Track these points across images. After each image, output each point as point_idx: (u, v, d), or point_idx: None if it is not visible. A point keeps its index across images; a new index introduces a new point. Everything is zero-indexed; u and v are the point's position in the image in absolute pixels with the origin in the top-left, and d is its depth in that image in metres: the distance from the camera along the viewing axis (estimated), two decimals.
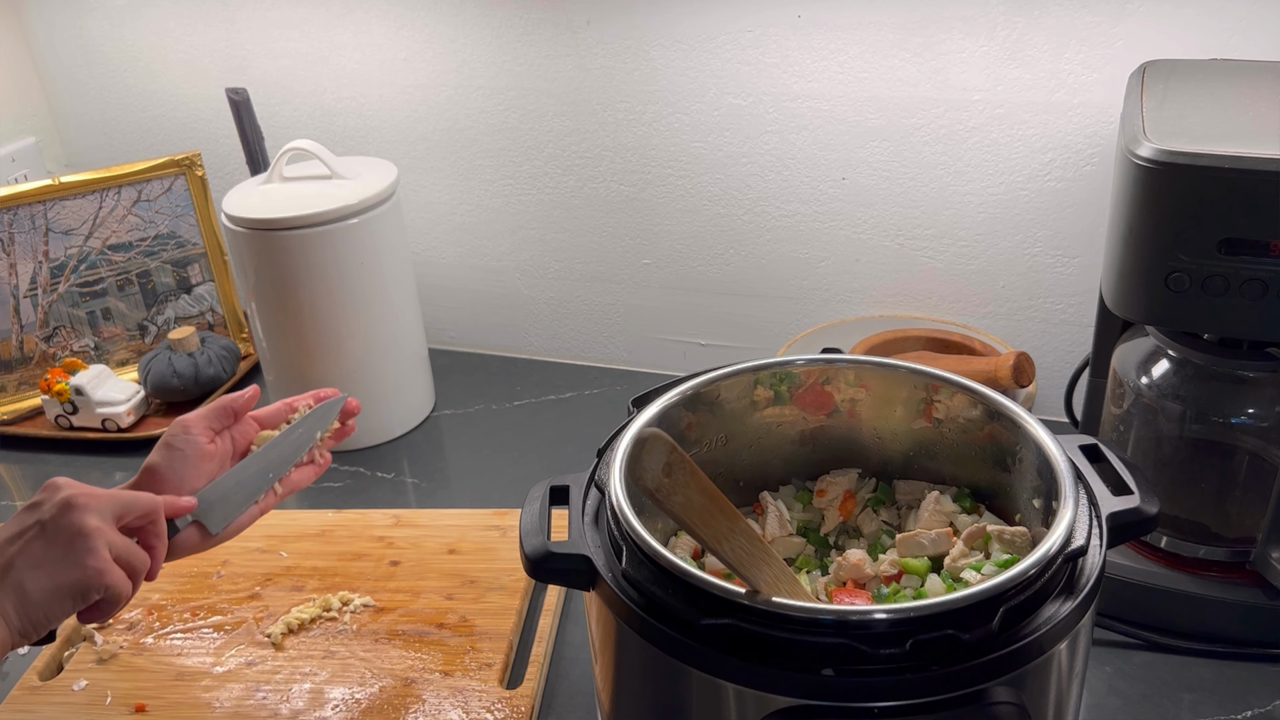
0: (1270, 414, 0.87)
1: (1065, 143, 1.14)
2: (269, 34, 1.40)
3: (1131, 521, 0.66)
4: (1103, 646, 0.90)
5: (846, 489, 0.81)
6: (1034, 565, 0.59)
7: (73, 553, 0.67)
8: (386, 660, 0.92)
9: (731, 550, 0.61)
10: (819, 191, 1.26)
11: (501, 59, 1.31)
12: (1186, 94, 0.88)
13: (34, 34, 1.52)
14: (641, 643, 0.61)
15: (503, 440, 1.26)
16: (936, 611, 0.56)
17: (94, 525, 0.68)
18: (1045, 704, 0.61)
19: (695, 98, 1.25)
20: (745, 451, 0.82)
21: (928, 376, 0.78)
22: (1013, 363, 1.12)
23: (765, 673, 0.57)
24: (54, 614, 0.67)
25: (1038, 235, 1.20)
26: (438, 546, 1.05)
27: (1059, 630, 0.59)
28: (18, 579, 0.66)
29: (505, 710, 0.86)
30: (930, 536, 0.73)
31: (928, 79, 1.16)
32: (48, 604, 0.66)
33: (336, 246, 1.15)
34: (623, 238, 1.37)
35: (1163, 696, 0.85)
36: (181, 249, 1.42)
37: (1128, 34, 1.07)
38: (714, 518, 0.60)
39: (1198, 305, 0.79)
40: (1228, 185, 0.75)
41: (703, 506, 0.60)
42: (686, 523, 0.59)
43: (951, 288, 1.26)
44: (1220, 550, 0.90)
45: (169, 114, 1.51)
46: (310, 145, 1.20)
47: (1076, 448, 0.71)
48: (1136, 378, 0.91)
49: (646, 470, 0.58)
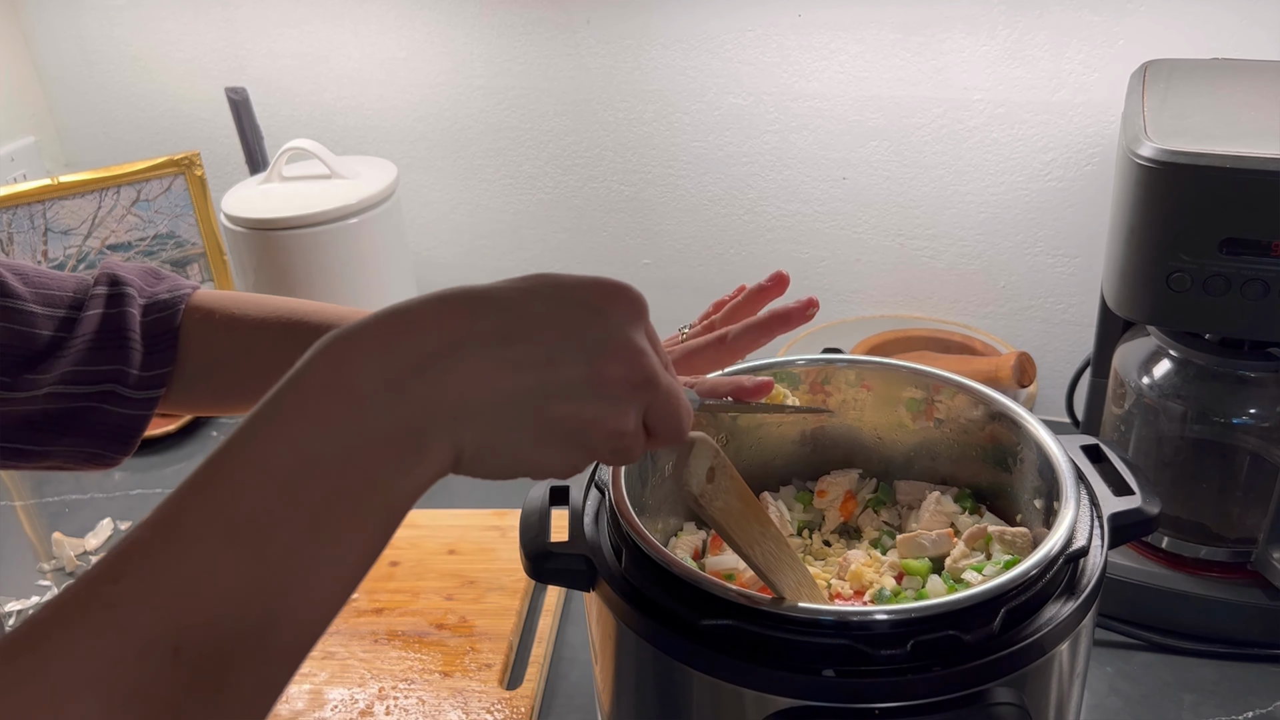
0: (1271, 414, 0.87)
1: (1066, 142, 1.14)
2: (268, 33, 1.40)
3: (1133, 522, 0.65)
4: (1104, 647, 0.90)
5: (847, 489, 0.81)
6: (1035, 566, 0.59)
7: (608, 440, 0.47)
8: (386, 661, 0.92)
9: (761, 555, 0.60)
10: (819, 191, 1.26)
11: (501, 58, 1.31)
12: (1188, 93, 0.88)
13: (33, 33, 1.52)
14: (641, 643, 0.61)
15: None
16: (938, 612, 0.56)
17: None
18: (1046, 705, 0.61)
19: (695, 97, 1.25)
20: (746, 452, 0.81)
21: (929, 376, 0.78)
22: (1014, 363, 1.12)
23: (766, 673, 0.57)
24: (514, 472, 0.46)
25: (1038, 235, 1.20)
26: (437, 547, 1.05)
27: (1060, 631, 0.59)
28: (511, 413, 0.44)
29: (505, 711, 0.86)
30: (931, 537, 0.73)
31: (928, 78, 1.16)
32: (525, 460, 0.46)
33: (336, 246, 1.15)
34: (623, 238, 1.37)
35: (1164, 697, 0.85)
36: (181, 249, 1.41)
37: (1129, 33, 1.07)
38: (749, 523, 0.60)
39: (1199, 305, 0.79)
40: (1229, 185, 0.75)
41: (740, 511, 0.59)
42: (725, 528, 0.58)
43: (952, 287, 1.26)
44: (1221, 550, 0.90)
45: (168, 113, 1.51)
46: (310, 145, 1.20)
47: (1078, 448, 0.71)
48: (1138, 378, 0.91)
49: (693, 475, 0.57)
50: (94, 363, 0.71)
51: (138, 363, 0.72)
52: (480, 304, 0.44)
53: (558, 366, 0.44)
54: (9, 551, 1.13)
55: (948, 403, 0.77)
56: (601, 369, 0.45)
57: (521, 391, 0.44)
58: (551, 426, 0.45)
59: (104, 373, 0.71)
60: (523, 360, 0.44)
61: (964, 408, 0.77)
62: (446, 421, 0.43)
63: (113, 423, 0.72)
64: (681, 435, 0.50)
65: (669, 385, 0.48)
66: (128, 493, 1.21)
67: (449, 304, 0.44)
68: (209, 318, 0.75)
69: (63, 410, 0.71)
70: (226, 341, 0.75)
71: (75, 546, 1.11)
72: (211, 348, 0.75)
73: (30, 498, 1.21)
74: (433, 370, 0.42)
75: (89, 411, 0.72)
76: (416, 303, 0.44)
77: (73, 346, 0.71)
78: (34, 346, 0.70)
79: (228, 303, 0.76)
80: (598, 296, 0.46)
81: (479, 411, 0.43)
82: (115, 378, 0.72)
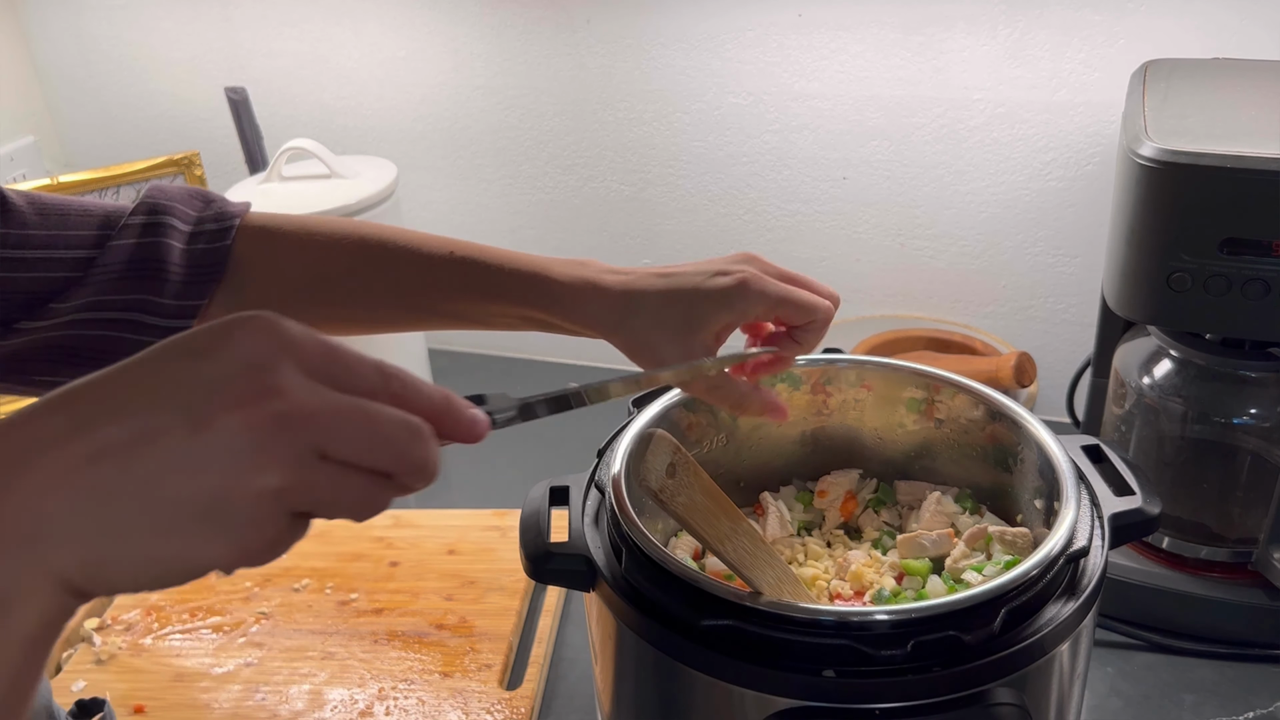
0: (1272, 414, 0.87)
1: (1067, 142, 1.14)
2: (268, 33, 1.40)
3: (1133, 522, 0.65)
4: (1104, 647, 0.90)
5: (847, 489, 0.81)
6: (1036, 566, 0.59)
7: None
8: (386, 661, 0.92)
9: (734, 551, 0.60)
10: (819, 191, 1.26)
11: (501, 58, 1.30)
12: (1188, 93, 0.88)
13: (32, 33, 1.52)
14: (641, 643, 0.61)
15: (503, 440, 1.25)
16: (938, 613, 0.56)
17: None
18: (1047, 705, 0.61)
19: (695, 97, 1.25)
20: (746, 452, 0.81)
21: (929, 377, 0.78)
22: (1014, 363, 1.12)
23: (766, 674, 0.57)
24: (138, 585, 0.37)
25: (1039, 235, 1.19)
26: (437, 547, 1.05)
27: (1061, 631, 0.59)
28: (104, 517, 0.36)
29: (505, 711, 0.86)
30: (931, 537, 0.73)
31: (929, 78, 1.15)
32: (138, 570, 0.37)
33: None
34: (623, 238, 1.36)
35: (1164, 697, 0.85)
36: None
37: (1129, 33, 1.07)
38: (717, 519, 0.60)
39: (1199, 305, 0.79)
40: (1229, 185, 0.75)
41: (706, 507, 0.60)
42: (689, 524, 0.59)
43: (952, 287, 1.26)
44: (1222, 551, 0.89)
45: (168, 113, 1.51)
46: (309, 144, 1.19)
47: (1078, 448, 0.70)
48: (1138, 378, 0.91)
49: (650, 470, 0.58)
50: (119, 292, 0.68)
51: (173, 292, 0.69)
52: (56, 401, 0.37)
53: (150, 439, 0.35)
54: None
55: (948, 403, 0.77)
56: (208, 421, 0.35)
57: (107, 483, 0.35)
58: (169, 510, 0.35)
59: (129, 301, 0.68)
60: (102, 446, 0.35)
61: (964, 408, 0.77)
62: (20, 552, 0.35)
63: (133, 350, 0.71)
64: (411, 462, 0.39)
65: (345, 408, 0.37)
66: None
67: (19, 416, 0.37)
68: (273, 237, 0.71)
69: (81, 338, 0.68)
70: (296, 262, 0.72)
71: None
72: (279, 269, 0.72)
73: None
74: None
75: (110, 341, 0.68)
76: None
77: (96, 276, 0.68)
78: (48, 287, 0.68)
79: (294, 223, 0.73)
80: (209, 339, 0.38)
81: (65, 523, 0.35)
82: (141, 307, 0.69)
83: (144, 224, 0.70)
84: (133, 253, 0.69)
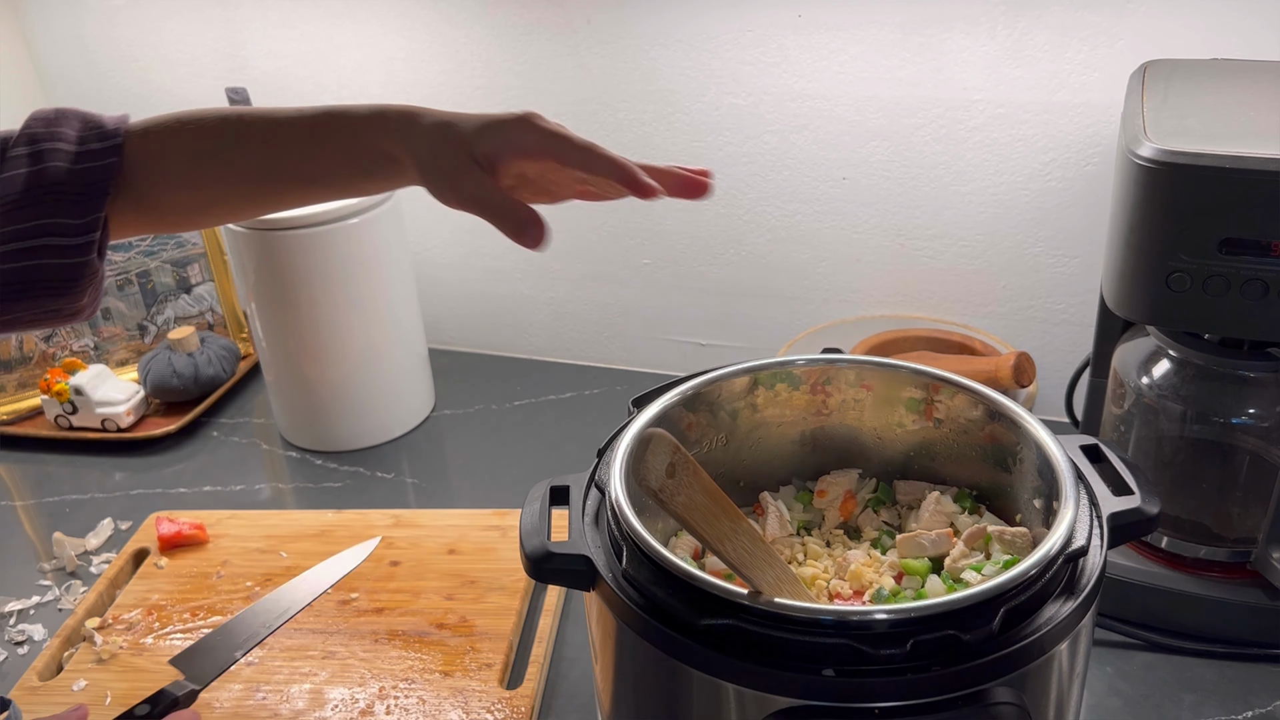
0: (1271, 414, 0.87)
1: (1066, 142, 1.14)
2: (269, 33, 1.40)
3: (1132, 522, 0.66)
4: (1103, 647, 0.90)
5: (847, 489, 0.81)
6: (1035, 566, 0.59)
7: None
8: (386, 660, 0.92)
9: (734, 551, 0.61)
10: (819, 191, 1.26)
11: (501, 59, 1.31)
12: (1187, 94, 0.88)
13: (33, 34, 1.52)
14: (641, 643, 0.61)
15: (503, 440, 1.26)
16: (937, 612, 0.56)
17: None
18: (1046, 704, 0.61)
19: (695, 98, 1.25)
20: (745, 452, 0.82)
21: (928, 376, 0.78)
22: (1013, 363, 1.12)
23: (766, 673, 0.57)
24: None
25: (1038, 235, 1.20)
26: (437, 547, 1.05)
27: (1060, 631, 0.59)
28: None
29: (505, 710, 0.86)
30: (931, 537, 0.73)
31: (928, 78, 1.16)
32: None
33: (336, 246, 1.15)
34: (623, 238, 1.37)
35: (1163, 697, 0.85)
36: (181, 249, 1.41)
37: (1129, 33, 1.07)
38: (717, 518, 0.60)
39: (1198, 305, 0.79)
40: (1229, 185, 0.75)
41: (705, 507, 0.60)
42: (689, 523, 0.59)
43: (952, 287, 1.26)
44: (1221, 550, 0.90)
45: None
46: None
47: (1077, 448, 0.71)
48: (1137, 378, 0.91)
49: (650, 470, 0.58)
50: (23, 220, 0.71)
51: (75, 211, 0.72)
52: None
53: None
54: (9, 551, 1.13)
55: (947, 403, 0.77)
56: None
57: None
58: None
59: (35, 228, 0.72)
60: None
61: (963, 408, 0.77)
62: None
63: (56, 275, 0.72)
64: None
65: None
66: (128, 493, 1.21)
67: None
68: (149, 135, 0.75)
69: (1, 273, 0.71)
70: (172, 152, 0.75)
71: (75, 546, 1.11)
72: (161, 163, 0.75)
73: (30, 498, 1.21)
74: None
75: (31, 270, 0.72)
76: None
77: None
78: None
79: (168, 118, 0.76)
80: None
81: None
82: (49, 230, 0.72)
83: (29, 153, 0.73)
84: (26, 182, 0.72)
